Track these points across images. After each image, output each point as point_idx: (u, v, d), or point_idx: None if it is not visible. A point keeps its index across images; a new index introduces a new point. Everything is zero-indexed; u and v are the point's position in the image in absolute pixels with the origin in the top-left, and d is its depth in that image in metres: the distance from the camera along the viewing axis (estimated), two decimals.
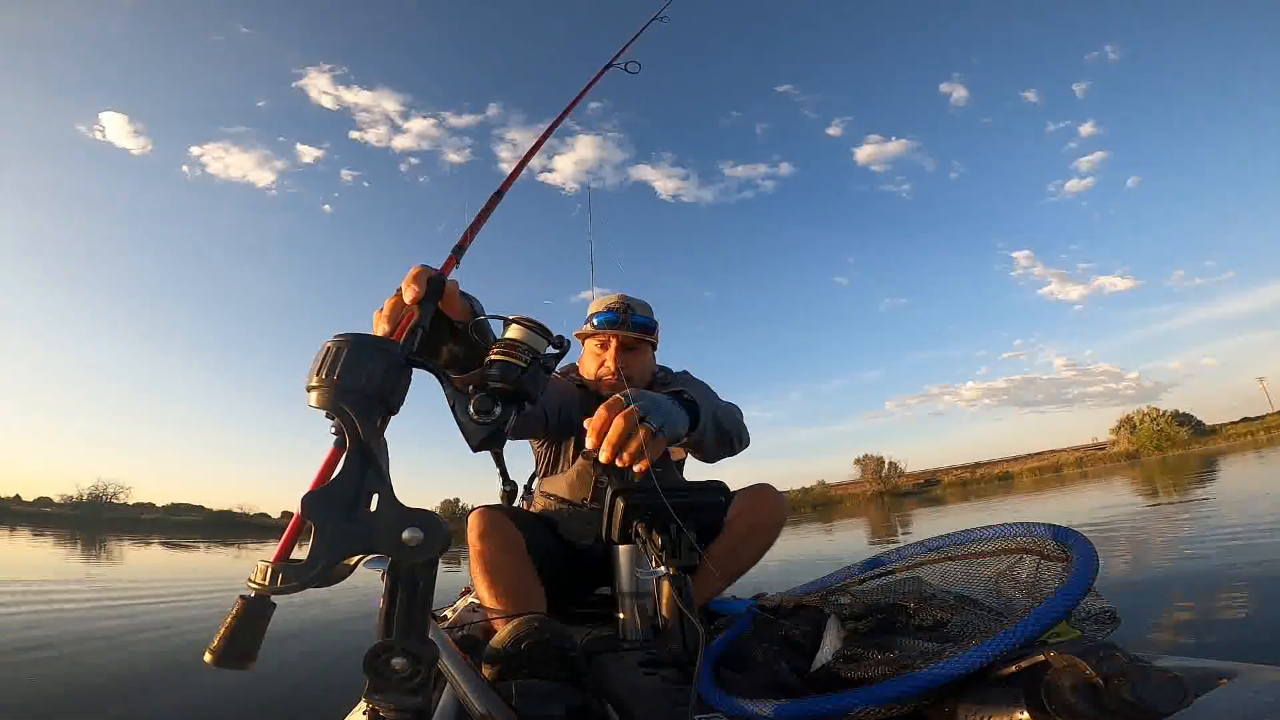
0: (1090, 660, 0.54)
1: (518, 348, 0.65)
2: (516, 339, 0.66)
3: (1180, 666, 0.57)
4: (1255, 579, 2.58)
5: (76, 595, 5.34)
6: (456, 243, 0.79)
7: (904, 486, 39.10)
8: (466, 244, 0.80)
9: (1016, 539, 0.88)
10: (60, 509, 38.99)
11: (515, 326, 0.67)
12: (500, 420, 0.61)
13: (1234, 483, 8.62)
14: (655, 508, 1.04)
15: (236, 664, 0.46)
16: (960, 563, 0.98)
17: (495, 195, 0.92)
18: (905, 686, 0.64)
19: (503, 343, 0.66)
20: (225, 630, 0.46)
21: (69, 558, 10.26)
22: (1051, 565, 0.79)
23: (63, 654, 2.82)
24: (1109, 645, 0.57)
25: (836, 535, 9.95)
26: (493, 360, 0.64)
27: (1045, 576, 0.78)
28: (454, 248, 0.78)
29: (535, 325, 0.67)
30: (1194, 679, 0.52)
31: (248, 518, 43.02)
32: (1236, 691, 0.52)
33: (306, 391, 0.53)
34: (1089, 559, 0.71)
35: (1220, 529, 4.29)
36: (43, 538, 16.52)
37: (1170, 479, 11.63)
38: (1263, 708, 0.48)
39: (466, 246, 0.79)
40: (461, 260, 0.77)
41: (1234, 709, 0.49)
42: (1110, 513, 6.85)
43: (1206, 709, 0.49)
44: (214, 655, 0.46)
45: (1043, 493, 15.22)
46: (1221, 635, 1.98)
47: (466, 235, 0.81)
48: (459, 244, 0.79)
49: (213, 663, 0.45)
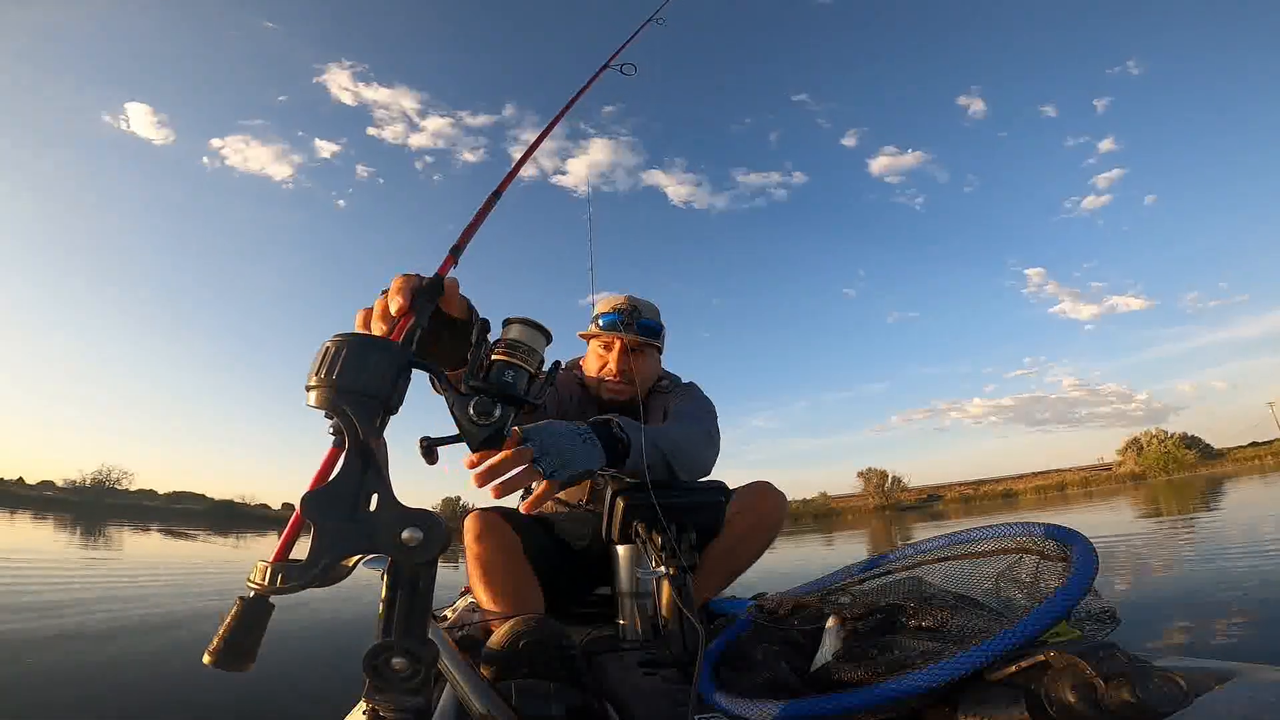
0: (1090, 660, 0.54)
1: (518, 349, 0.64)
2: (517, 339, 0.65)
3: (1180, 667, 0.57)
4: (1256, 591, 2.58)
5: (63, 576, 5.32)
6: (454, 243, 0.78)
7: (906, 501, 39.08)
8: (464, 244, 0.79)
9: (1016, 539, 0.88)
10: (63, 493, 38.95)
11: (516, 326, 0.66)
12: (500, 422, 0.61)
13: (1240, 505, 8.62)
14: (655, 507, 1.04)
15: (235, 665, 0.46)
16: (960, 563, 0.98)
17: (492, 195, 0.91)
18: (905, 687, 0.64)
19: (504, 343, 0.65)
20: (224, 631, 0.46)
21: (63, 544, 10.20)
22: (1051, 565, 0.78)
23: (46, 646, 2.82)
24: (1109, 645, 0.57)
25: (837, 545, 9.93)
26: (494, 362, 0.64)
27: (1045, 576, 0.78)
28: (451, 248, 0.77)
29: (536, 326, 0.66)
30: (1194, 679, 0.52)
31: (248, 508, 43.01)
32: (1236, 691, 0.52)
33: (306, 391, 0.53)
34: (1089, 558, 0.71)
35: (1223, 546, 4.28)
36: (43, 521, 16.49)
37: (1176, 500, 11.63)
38: (1263, 708, 0.48)
39: (464, 246, 0.79)
40: (460, 260, 0.76)
41: (1234, 709, 0.49)
42: (1114, 529, 6.84)
43: (1206, 709, 0.49)
44: (213, 656, 0.46)
45: (1046, 510, 15.22)
46: (1221, 641, 1.98)
47: (464, 235, 0.80)
48: (456, 244, 0.78)
49: (211, 664, 0.46)
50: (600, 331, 1.51)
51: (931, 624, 0.83)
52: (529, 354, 0.65)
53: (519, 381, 0.63)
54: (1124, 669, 0.52)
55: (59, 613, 3.68)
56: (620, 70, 1.42)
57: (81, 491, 39.08)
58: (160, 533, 15.92)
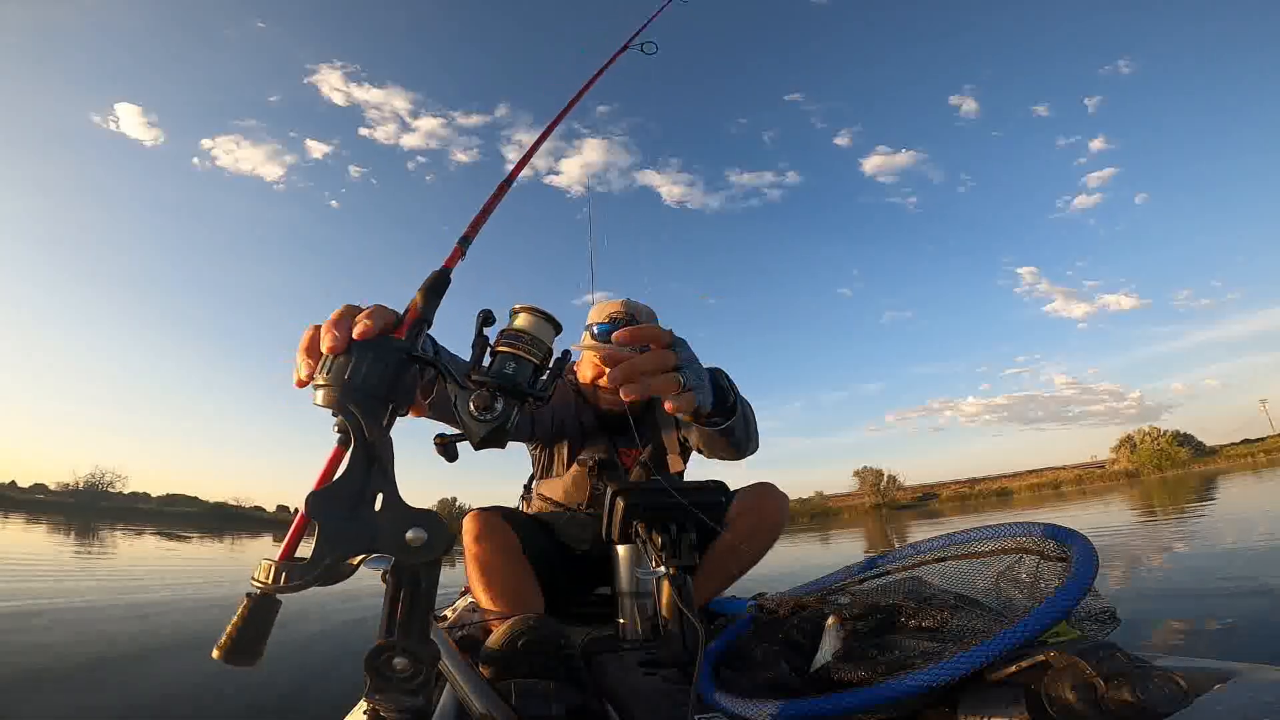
0: (1090, 661, 0.54)
1: (522, 339, 0.60)
2: (522, 329, 0.61)
3: (1180, 667, 0.57)
4: (1252, 588, 2.59)
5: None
6: (462, 233, 0.75)
7: (902, 500, 39.21)
8: (473, 234, 0.76)
9: (1015, 539, 0.88)
10: (56, 496, 38.61)
11: (523, 315, 0.62)
12: (502, 417, 0.57)
13: (1233, 501, 8.67)
14: (655, 507, 1.04)
15: (243, 661, 0.46)
16: (959, 563, 0.98)
17: (503, 183, 0.87)
18: (905, 687, 0.64)
19: (509, 333, 0.61)
20: (232, 628, 0.47)
21: (55, 547, 10.11)
22: (1051, 565, 0.79)
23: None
24: (1109, 645, 0.57)
25: (834, 545, 9.93)
26: (497, 352, 0.60)
27: (1045, 576, 0.79)
28: (460, 239, 0.74)
29: (543, 315, 0.62)
30: (1194, 679, 0.52)
31: (243, 511, 42.77)
32: (1236, 691, 0.52)
33: (312, 390, 0.53)
34: (1089, 558, 0.71)
35: (1219, 543, 4.30)
36: (36, 525, 16.31)
37: (1169, 497, 11.69)
38: (1263, 708, 0.49)
39: (473, 237, 0.76)
40: (467, 252, 0.73)
41: (1234, 709, 0.49)
42: (1110, 526, 6.88)
43: (1206, 709, 0.49)
44: (221, 652, 0.46)
45: (1041, 507, 15.26)
46: (1217, 632, 1.99)
47: (473, 225, 0.77)
48: (465, 234, 0.75)
49: (221, 659, 0.46)
50: (596, 344, 1.47)
51: (931, 624, 0.84)
52: (533, 344, 0.60)
53: (521, 374, 0.59)
54: (1124, 669, 0.52)
55: (71, 614, 3.67)
56: (641, 49, 1.39)
57: (75, 494, 38.78)
58: (155, 535, 15.78)
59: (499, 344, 0.60)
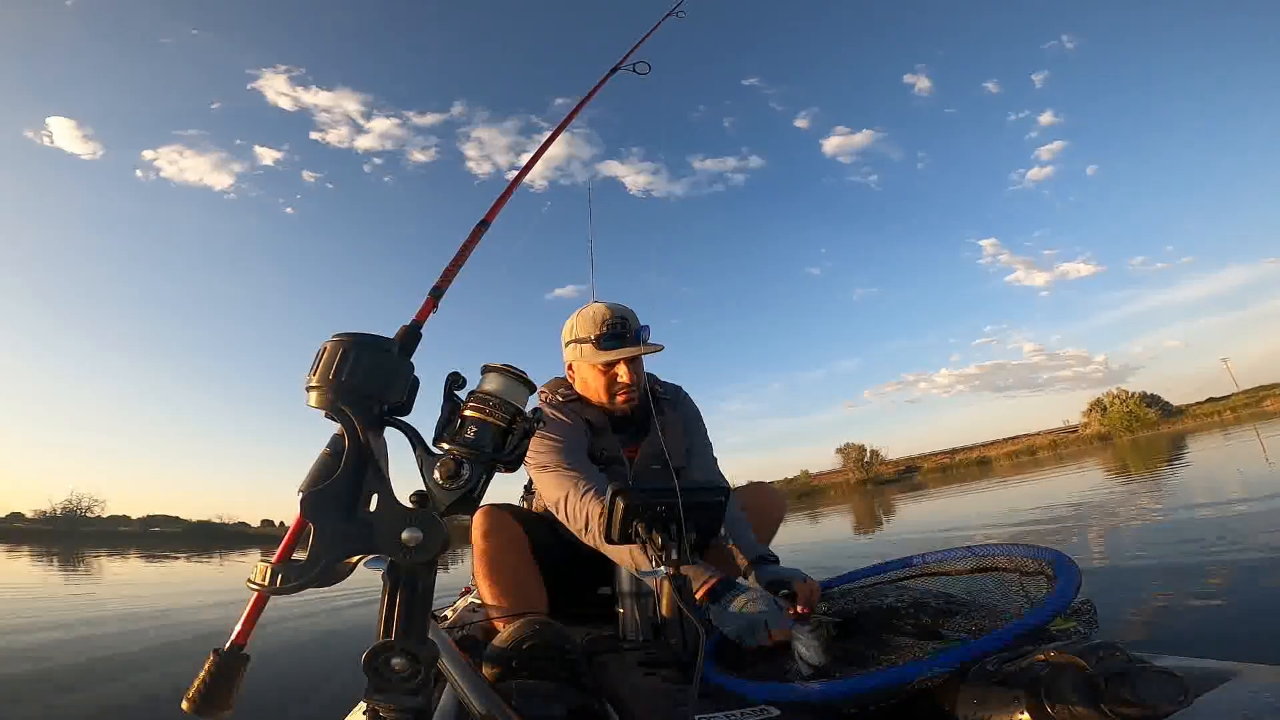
0: (1090, 659, 0.54)
1: (488, 402, 0.57)
2: (490, 392, 0.58)
3: (1180, 666, 0.57)
4: (1231, 563, 2.57)
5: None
6: (434, 283, 0.68)
7: (886, 474, 39.09)
8: (446, 285, 0.69)
9: (994, 558, 0.95)
10: (34, 524, 37.69)
11: (491, 375, 0.60)
12: (469, 484, 0.55)
13: (1203, 462, 8.72)
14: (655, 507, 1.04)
15: (213, 714, 0.47)
16: (953, 578, 1.02)
17: (479, 226, 0.79)
18: (901, 673, 0.66)
19: (478, 395, 0.58)
20: (199, 682, 0.47)
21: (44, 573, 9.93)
22: (1034, 579, 0.84)
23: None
24: (1109, 645, 0.57)
25: (823, 525, 9.89)
26: (465, 418, 0.57)
27: (1031, 590, 0.83)
28: (431, 289, 0.67)
29: (513, 374, 0.59)
30: (1194, 679, 0.52)
31: (227, 527, 42.12)
32: (1236, 691, 0.52)
33: (305, 391, 0.53)
34: (1071, 576, 0.75)
35: (1195, 509, 4.32)
36: (18, 553, 16.00)
37: (1143, 459, 11.77)
38: (1263, 708, 0.49)
39: (445, 288, 0.68)
40: (440, 304, 0.66)
41: (1234, 709, 0.49)
42: (1088, 494, 6.94)
43: (1206, 709, 0.49)
44: (191, 705, 0.47)
45: (1022, 475, 15.22)
46: (1203, 621, 1.96)
47: (446, 274, 0.70)
48: (436, 284, 0.68)
49: (190, 711, 0.46)
50: (610, 353, 1.41)
51: (929, 622, 0.85)
52: (500, 407, 0.57)
53: (484, 439, 0.56)
54: (1124, 668, 0.52)
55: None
56: (633, 69, 1.33)
57: (53, 521, 37.73)
58: (141, 556, 15.40)
59: (467, 407, 0.58)
